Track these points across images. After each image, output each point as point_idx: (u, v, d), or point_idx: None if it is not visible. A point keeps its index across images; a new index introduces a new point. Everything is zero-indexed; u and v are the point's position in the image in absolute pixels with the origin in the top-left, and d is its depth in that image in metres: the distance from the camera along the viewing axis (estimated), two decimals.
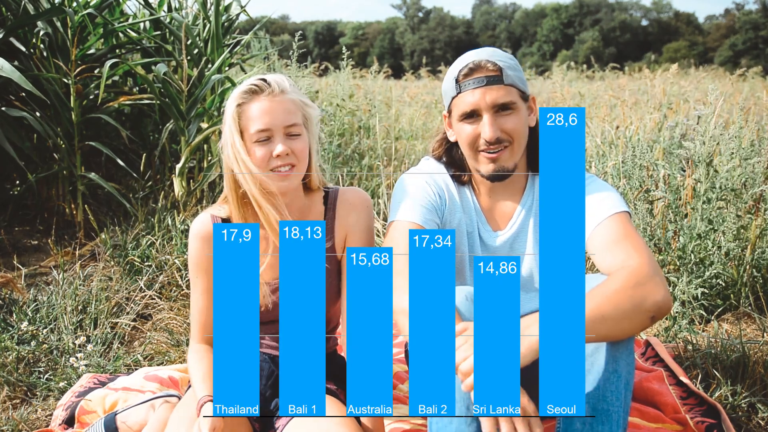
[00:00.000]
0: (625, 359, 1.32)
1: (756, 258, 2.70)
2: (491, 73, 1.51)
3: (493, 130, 1.51)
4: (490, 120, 1.52)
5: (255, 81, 1.51)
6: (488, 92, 1.51)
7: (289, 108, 1.50)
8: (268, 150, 1.48)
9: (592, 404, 1.31)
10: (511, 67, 1.54)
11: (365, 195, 1.66)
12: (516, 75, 1.55)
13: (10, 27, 3.59)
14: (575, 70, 12.01)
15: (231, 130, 1.51)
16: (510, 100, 1.52)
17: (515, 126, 1.53)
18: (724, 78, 10.81)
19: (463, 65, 1.55)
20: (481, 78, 1.51)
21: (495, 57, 1.54)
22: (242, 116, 1.50)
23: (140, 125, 4.34)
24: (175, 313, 2.71)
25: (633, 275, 1.29)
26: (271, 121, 1.48)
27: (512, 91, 1.53)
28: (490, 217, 1.66)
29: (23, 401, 2.12)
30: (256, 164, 1.49)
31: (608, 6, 54.36)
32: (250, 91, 1.50)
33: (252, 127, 1.48)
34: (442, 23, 57.67)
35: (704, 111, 2.90)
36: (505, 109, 1.53)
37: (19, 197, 4.05)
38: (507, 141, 1.54)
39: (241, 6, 4.64)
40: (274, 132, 1.49)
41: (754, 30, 43.03)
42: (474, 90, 1.52)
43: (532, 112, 1.61)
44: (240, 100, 1.51)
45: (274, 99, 1.49)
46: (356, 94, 5.86)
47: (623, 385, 1.32)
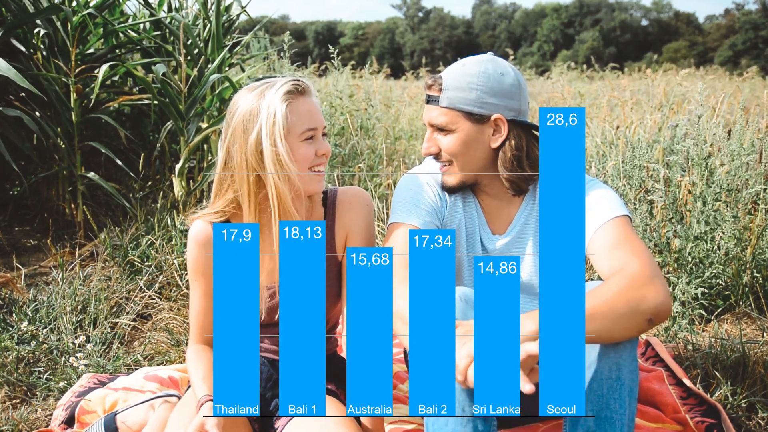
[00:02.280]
0: (629, 366, 1.31)
1: (756, 258, 2.70)
2: (434, 92, 1.57)
3: (426, 146, 1.59)
4: (427, 136, 1.59)
5: (295, 82, 1.50)
6: (427, 111, 1.58)
7: (320, 109, 1.55)
8: (313, 148, 1.49)
9: (595, 412, 1.30)
10: (459, 87, 1.52)
11: (365, 194, 1.65)
12: (462, 96, 1.52)
13: (9, 26, 3.59)
14: (575, 70, 12.00)
15: (278, 130, 1.45)
16: (443, 123, 1.54)
17: (448, 146, 1.55)
18: (724, 78, 10.82)
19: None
20: (427, 95, 1.59)
21: (448, 74, 1.55)
22: (289, 115, 1.48)
23: (140, 125, 4.34)
24: (174, 313, 2.71)
25: (630, 278, 1.29)
26: (317, 120, 1.51)
27: (448, 113, 1.54)
28: (491, 220, 1.65)
29: (23, 401, 2.12)
30: (300, 163, 1.48)
31: (608, 6, 54.37)
32: (296, 91, 1.49)
33: (301, 125, 1.48)
34: (442, 23, 57.68)
35: (700, 111, 2.89)
36: (442, 129, 1.56)
37: (19, 197, 4.05)
38: (446, 159, 1.58)
39: (241, 6, 4.64)
40: (317, 131, 1.51)
41: (754, 30, 43.02)
42: (425, 104, 1.61)
43: (499, 133, 1.55)
44: (289, 99, 1.48)
45: (314, 100, 1.52)
46: (356, 94, 5.86)
47: (627, 392, 1.31)
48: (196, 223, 1.58)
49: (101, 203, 4.08)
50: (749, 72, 6.78)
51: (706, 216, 2.71)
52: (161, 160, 4.30)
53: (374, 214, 1.67)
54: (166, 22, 4.37)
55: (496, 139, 1.56)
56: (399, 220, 1.56)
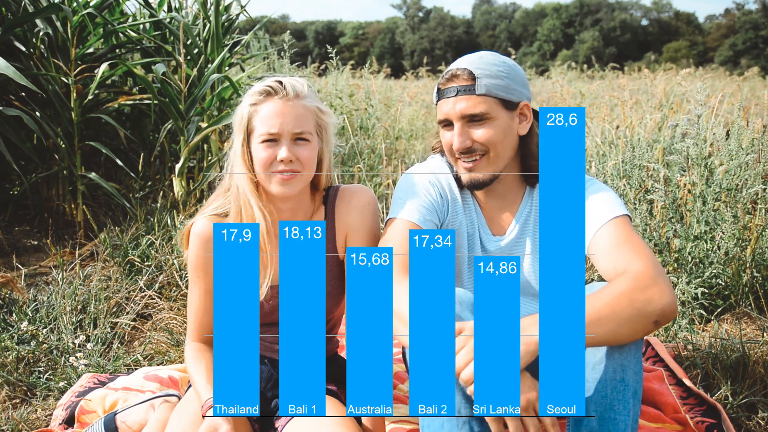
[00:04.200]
0: (633, 368, 1.31)
1: (755, 258, 2.70)
2: (464, 82, 1.51)
3: (460, 140, 1.52)
4: (459, 129, 1.53)
5: (271, 82, 1.50)
6: (458, 102, 1.52)
7: (301, 114, 1.49)
8: (272, 153, 1.47)
9: (599, 413, 1.30)
10: (492, 74, 1.51)
11: (366, 192, 1.63)
12: (496, 83, 1.51)
13: (9, 25, 3.59)
14: (575, 70, 12.00)
15: (238, 128, 1.51)
16: (481, 111, 1.50)
17: (486, 136, 1.52)
18: (724, 78, 10.81)
19: (446, 72, 1.56)
20: (454, 87, 1.52)
21: (474, 65, 1.53)
22: (253, 116, 1.49)
23: (140, 125, 4.34)
24: (175, 312, 2.71)
25: (635, 279, 1.28)
26: (281, 124, 1.47)
27: (486, 101, 1.51)
28: (491, 222, 1.64)
29: (23, 401, 2.12)
30: (258, 165, 1.48)
31: (608, 6, 54.34)
32: (265, 92, 1.49)
33: (261, 128, 1.48)
34: (442, 23, 57.66)
35: (700, 111, 2.89)
36: (477, 119, 1.51)
37: (19, 197, 4.05)
38: (481, 150, 1.53)
39: (241, 6, 4.64)
40: (281, 136, 1.47)
41: (754, 30, 43.01)
42: (448, 99, 1.54)
43: (526, 119, 1.57)
44: (253, 99, 1.50)
45: (288, 103, 1.48)
46: (356, 94, 5.86)
47: (631, 394, 1.31)
48: (199, 220, 1.58)
49: (101, 203, 4.08)
50: (750, 72, 6.77)
51: (705, 216, 2.71)
52: (161, 160, 4.30)
53: (378, 212, 1.66)
54: (166, 22, 4.37)
55: (524, 127, 1.57)
56: (397, 216, 1.55)
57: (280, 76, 1.53)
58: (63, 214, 3.99)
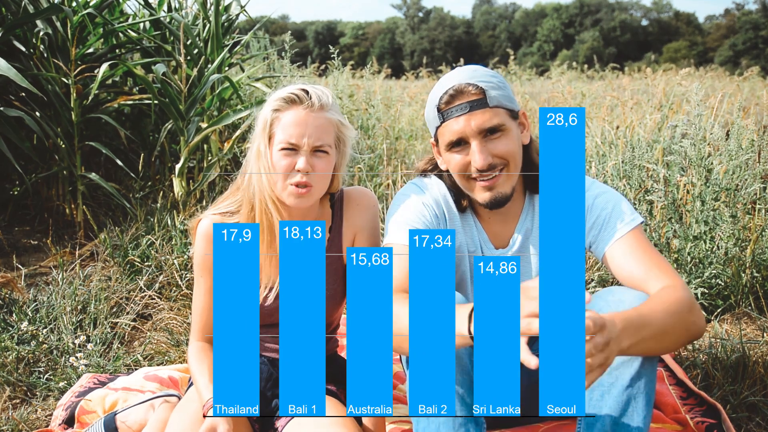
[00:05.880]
0: (648, 375, 1.33)
1: (755, 258, 2.70)
2: (474, 96, 1.43)
3: (483, 157, 1.43)
4: (479, 147, 1.43)
5: (296, 90, 1.48)
6: (473, 118, 1.42)
7: (323, 125, 1.47)
8: (291, 162, 1.46)
9: (613, 418, 1.31)
10: (494, 86, 1.45)
11: (371, 194, 1.65)
12: (501, 94, 1.45)
13: (9, 25, 3.59)
14: (575, 70, 11.99)
15: (260, 133, 1.49)
16: (498, 123, 1.43)
17: (507, 148, 1.45)
18: (724, 78, 10.81)
19: (443, 92, 1.46)
20: (464, 104, 1.43)
21: (476, 78, 1.44)
22: (275, 122, 1.48)
23: (140, 125, 4.34)
24: (175, 313, 2.71)
25: (685, 301, 1.32)
26: (302, 134, 1.45)
27: (499, 113, 1.44)
28: (493, 236, 1.61)
29: (23, 401, 2.12)
30: (275, 170, 1.48)
31: (608, 6, 54.36)
32: (289, 100, 1.47)
33: (281, 135, 1.47)
34: (442, 23, 57.67)
35: (699, 111, 2.89)
36: (494, 132, 1.44)
37: (20, 197, 4.05)
38: (501, 165, 1.46)
39: (241, 6, 4.65)
40: (301, 147, 1.46)
41: (754, 30, 43.02)
42: (458, 117, 1.43)
43: (525, 128, 1.53)
44: (276, 105, 1.48)
45: (311, 114, 1.47)
46: (356, 94, 5.86)
47: (645, 400, 1.32)
48: (206, 219, 1.59)
49: (101, 203, 4.08)
50: (750, 72, 6.76)
51: (705, 216, 2.71)
52: (161, 160, 4.30)
53: (379, 212, 1.67)
54: (166, 22, 4.38)
55: (526, 135, 1.54)
56: (392, 240, 1.51)
57: (305, 84, 1.51)
58: (63, 214, 3.99)
